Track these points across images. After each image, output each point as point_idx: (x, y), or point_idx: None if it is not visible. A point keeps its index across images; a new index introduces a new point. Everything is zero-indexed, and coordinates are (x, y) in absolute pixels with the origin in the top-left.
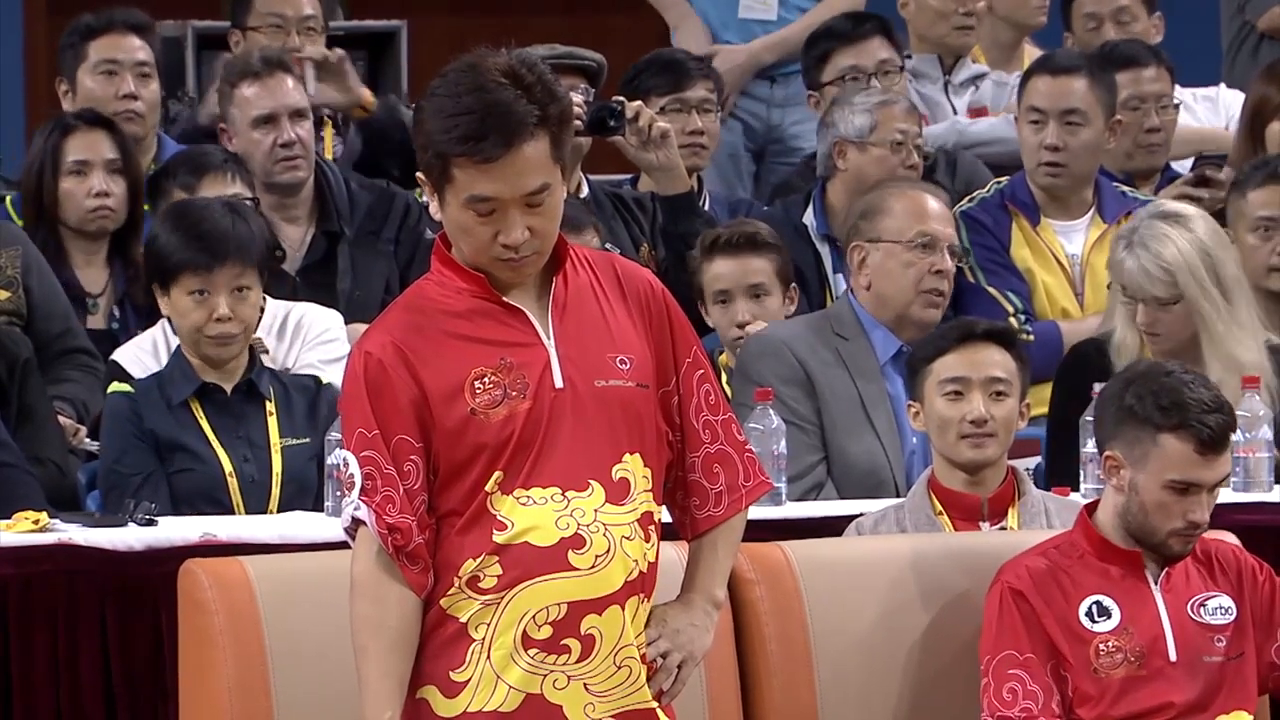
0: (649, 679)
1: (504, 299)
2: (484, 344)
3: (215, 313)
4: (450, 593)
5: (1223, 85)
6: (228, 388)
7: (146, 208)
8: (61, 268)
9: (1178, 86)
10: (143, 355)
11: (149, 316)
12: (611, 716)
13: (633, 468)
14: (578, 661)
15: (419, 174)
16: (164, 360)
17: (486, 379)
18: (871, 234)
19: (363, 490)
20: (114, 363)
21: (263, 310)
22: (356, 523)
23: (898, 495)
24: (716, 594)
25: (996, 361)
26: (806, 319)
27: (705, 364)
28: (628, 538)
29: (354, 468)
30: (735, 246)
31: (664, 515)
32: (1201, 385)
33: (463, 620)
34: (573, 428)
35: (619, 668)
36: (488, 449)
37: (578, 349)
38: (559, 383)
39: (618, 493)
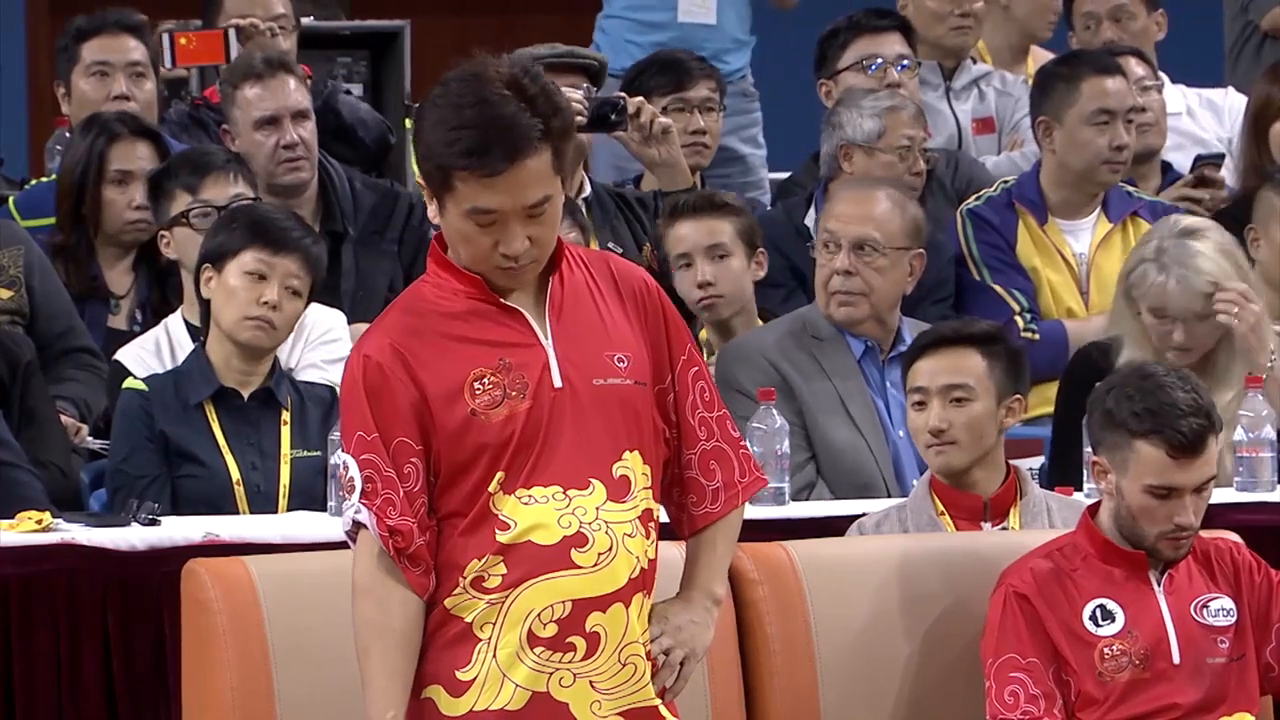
0: (652, 676)
1: (501, 300)
2: (482, 345)
3: (264, 297)
4: (455, 593)
5: (1230, 89)
6: (245, 394)
7: (147, 208)
8: (89, 265)
9: (1182, 86)
10: (145, 355)
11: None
12: (617, 714)
13: (632, 465)
14: (583, 659)
15: (418, 178)
16: (167, 360)
17: (486, 380)
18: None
19: (363, 493)
20: (116, 362)
21: None
22: (357, 525)
23: (886, 490)
24: (716, 590)
25: (958, 367)
26: (782, 322)
27: (700, 361)
28: (629, 535)
29: (354, 471)
30: (695, 209)
31: (662, 514)
32: (1181, 388)
33: (468, 620)
34: (573, 427)
35: (624, 665)
36: (489, 450)
37: (575, 348)
38: (558, 382)
39: (618, 490)
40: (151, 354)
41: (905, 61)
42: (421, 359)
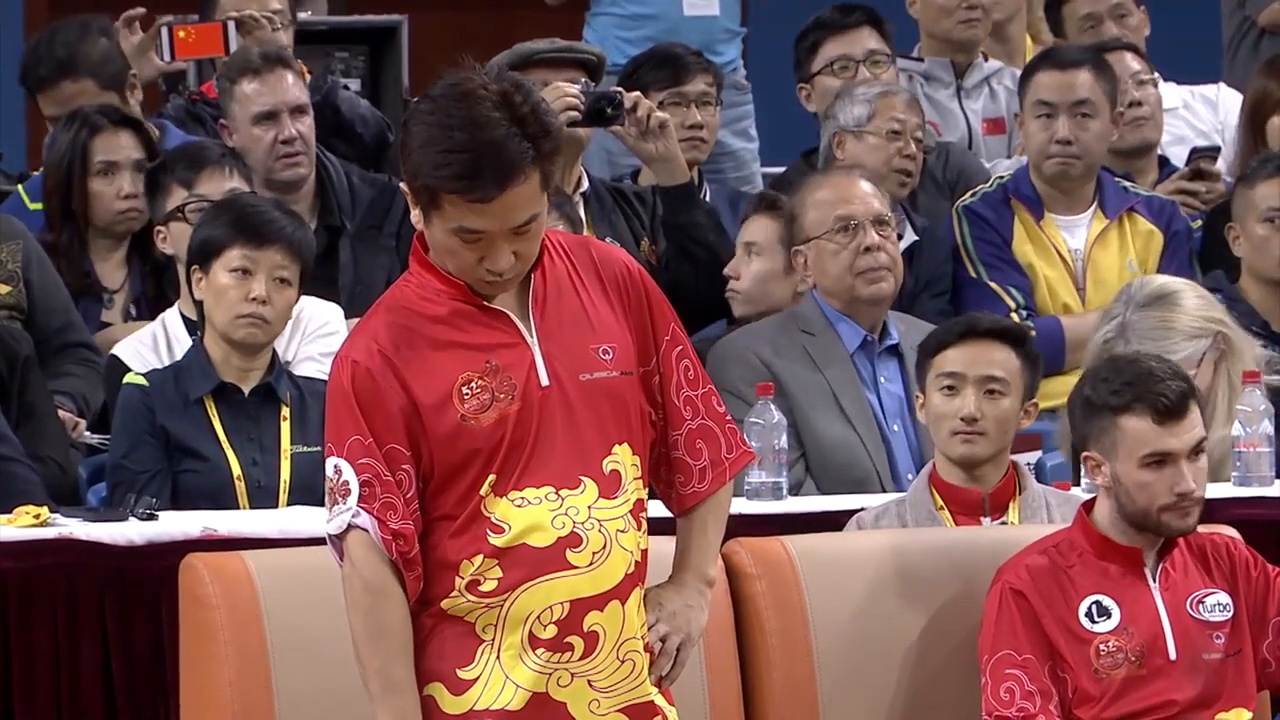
0: (650, 664)
1: (485, 302)
2: (468, 349)
3: (252, 293)
4: (452, 595)
5: (1222, 85)
6: (245, 389)
7: (136, 196)
8: (82, 261)
9: (1174, 84)
10: (143, 350)
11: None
12: (617, 711)
13: (622, 458)
14: (581, 659)
15: (402, 184)
16: (164, 356)
17: (474, 384)
18: (801, 236)
19: (361, 497)
20: (114, 357)
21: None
22: (351, 529)
23: (880, 484)
24: (708, 572)
25: (995, 359)
26: (773, 320)
27: (684, 340)
28: (622, 531)
29: (348, 474)
30: (755, 206)
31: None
32: (1153, 360)
33: (469, 621)
34: (562, 425)
35: (622, 662)
36: (481, 454)
37: (560, 344)
38: (545, 380)
39: (609, 486)
40: (149, 349)
41: (878, 58)
42: (409, 365)
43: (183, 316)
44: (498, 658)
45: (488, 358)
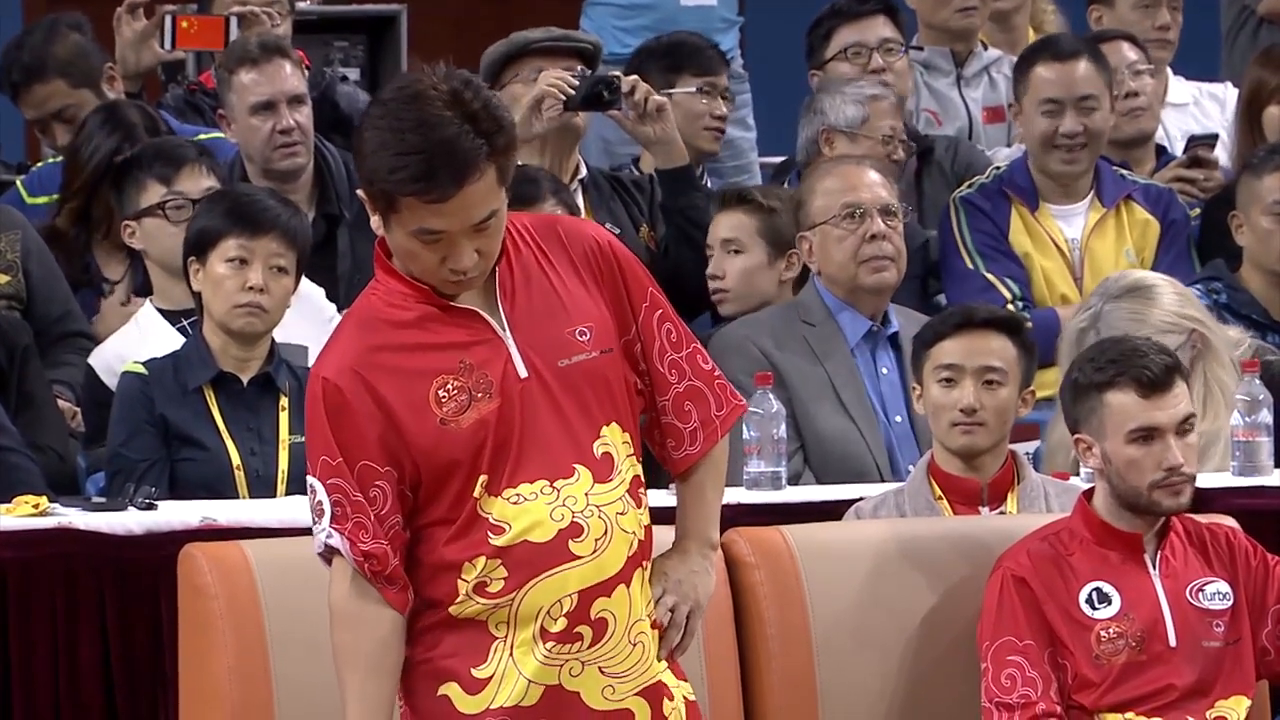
0: (660, 638)
1: (451, 303)
2: (440, 350)
3: (250, 282)
4: (459, 600)
5: (1229, 84)
6: (244, 379)
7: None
8: (83, 252)
9: (1181, 79)
10: (121, 352)
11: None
12: (634, 695)
13: (612, 439)
14: (590, 646)
15: (359, 191)
16: (140, 352)
17: (449, 385)
18: (806, 222)
19: (333, 518)
20: (90, 369)
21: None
22: (330, 549)
23: (880, 475)
24: (711, 536)
25: (992, 350)
26: (774, 310)
27: (663, 303)
28: (621, 513)
29: (321, 494)
30: (724, 202)
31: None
32: (1139, 339)
33: (480, 620)
34: (547, 415)
35: (634, 645)
36: (466, 456)
37: (534, 334)
38: (523, 372)
39: (603, 470)
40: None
41: (891, 45)
42: (381, 376)
43: (159, 310)
44: (511, 654)
45: (461, 356)
